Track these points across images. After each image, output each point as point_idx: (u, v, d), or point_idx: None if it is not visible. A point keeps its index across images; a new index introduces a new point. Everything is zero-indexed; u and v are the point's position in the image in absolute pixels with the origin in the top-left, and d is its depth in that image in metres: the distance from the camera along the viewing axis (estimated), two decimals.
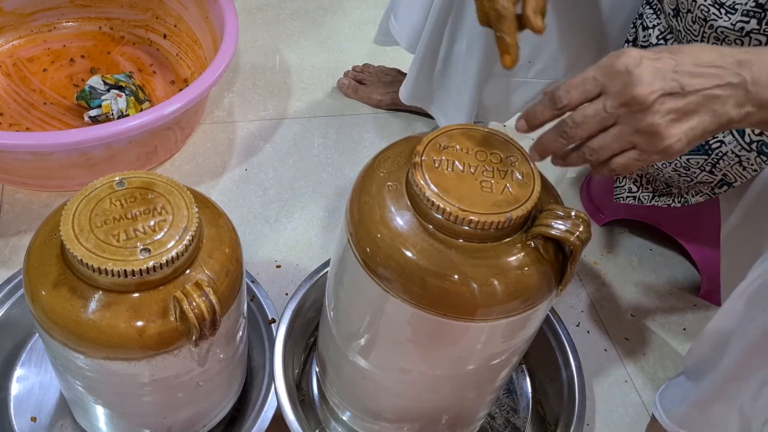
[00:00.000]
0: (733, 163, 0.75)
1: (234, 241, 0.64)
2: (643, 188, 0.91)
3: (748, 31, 0.68)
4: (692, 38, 0.74)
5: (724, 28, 0.69)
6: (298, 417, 0.75)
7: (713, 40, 0.72)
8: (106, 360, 0.58)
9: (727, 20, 0.69)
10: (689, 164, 0.78)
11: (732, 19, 0.68)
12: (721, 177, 0.78)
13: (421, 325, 0.60)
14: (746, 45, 0.69)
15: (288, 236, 1.05)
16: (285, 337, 0.80)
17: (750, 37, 0.68)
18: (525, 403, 0.89)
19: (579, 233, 0.56)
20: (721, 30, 0.70)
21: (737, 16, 0.68)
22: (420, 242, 0.57)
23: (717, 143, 0.75)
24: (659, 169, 0.82)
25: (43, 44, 1.25)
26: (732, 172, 0.76)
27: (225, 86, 1.24)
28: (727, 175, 0.77)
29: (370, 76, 1.26)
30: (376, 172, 0.62)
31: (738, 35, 0.69)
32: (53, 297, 0.56)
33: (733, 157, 0.75)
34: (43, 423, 0.79)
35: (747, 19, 0.67)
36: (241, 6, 1.37)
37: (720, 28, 0.70)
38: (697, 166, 0.78)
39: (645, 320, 1.03)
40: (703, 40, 0.73)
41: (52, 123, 1.13)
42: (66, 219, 0.56)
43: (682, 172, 0.80)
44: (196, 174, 1.10)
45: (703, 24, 0.71)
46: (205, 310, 0.55)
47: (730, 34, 0.69)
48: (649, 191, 0.90)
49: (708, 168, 0.77)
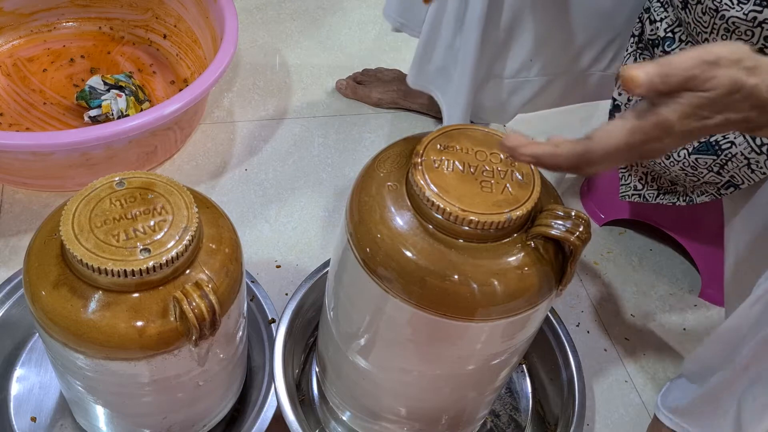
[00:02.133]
0: (742, 166, 0.75)
1: (234, 241, 0.64)
2: (648, 186, 0.91)
3: (760, 21, 0.67)
4: (702, 30, 0.73)
5: (736, 18, 0.68)
6: (298, 417, 0.75)
7: (723, 32, 0.71)
8: (106, 360, 0.58)
9: (739, 10, 0.68)
10: (697, 164, 0.78)
11: (744, 9, 0.68)
12: (729, 178, 0.77)
13: (421, 325, 0.60)
14: (757, 35, 0.68)
15: (288, 236, 1.05)
16: (285, 337, 0.80)
17: (762, 27, 0.67)
18: (525, 403, 0.89)
19: (579, 233, 0.56)
20: (733, 21, 0.69)
21: (750, 6, 0.67)
22: (420, 242, 0.57)
23: (728, 144, 0.74)
24: (666, 167, 0.82)
25: (43, 44, 1.25)
26: (740, 174, 0.76)
27: (225, 86, 1.24)
28: (734, 177, 0.77)
29: (368, 77, 1.26)
30: (376, 172, 0.62)
31: (750, 26, 0.68)
32: (53, 297, 0.56)
33: (742, 159, 0.74)
34: (43, 423, 0.79)
35: (760, 8, 0.67)
36: (241, 6, 1.37)
37: (732, 18, 0.69)
38: (705, 166, 0.77)
39: (645, 320, 1.03)
40: (713, 32, 0.72)
41: (52, 123, 1.13)
42: (66, 219, 0.56)
43: (690, 172, 0.80)
44: (196, 174, 1.10)
45: (713, 15, 0.71)
46: (205, 310, 0.56)
47: (742, 25, 0.68)
48: (654, 189, 0.90)
49: (716, 169, 0.77)
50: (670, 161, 0.80)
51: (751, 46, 0.49)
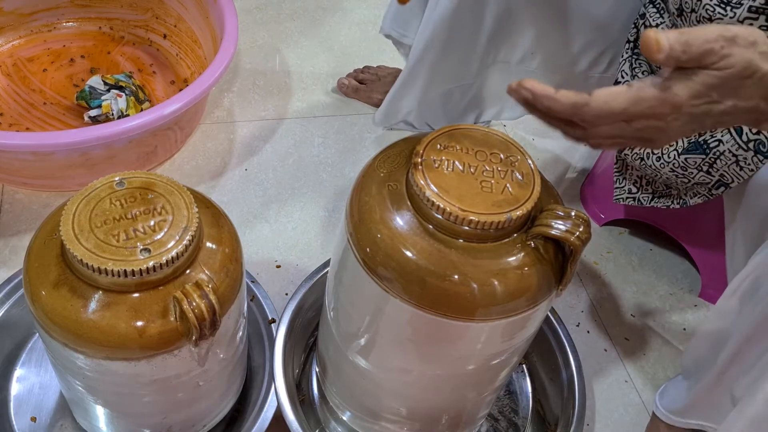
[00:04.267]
0: (731, 163, 0.75)
1: (234, 241, 0.64)
2: (643, 189, 0.91)
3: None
4: None
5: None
6: (298, 417, 0.75)
7: None
8: (106, 360, 0.58)
9: (733, 16, 0.69)
10: (687, 164, 0.78)
11: (738, 14, 0.68)
12: (719, 178, 0.78)
13: (421, 325, 0.60)
14: None
15: (288, 236, 1.05)
16: (285, 337, 0.80)
17: None
18: (525, 403, 0.89)
19: (579, 233, 0.56)
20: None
21: (743, 12, 0.68)
22: (420, 242, 0.57)
23: (715, 142, 0.75)
24: (657, 169, 0.83)
25: (43, 44, 1.25)
26: (729, 172, 0.76)
27: (225, 86, 1.24)
28: (724, 176, 0.77)
29: (370, 77, 1.27)
30: (376, 172, 0.62)
31: None
32: (53, 297, 0.56)
33: (730, 156, 0.75)
34: (43, 423, 0.79)
35: (756, 15, 0.67)
36: (241, 6, 1.37)
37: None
38: (695, 165, 0.78)
39: (645, 320, 1.03)
40: None
41: (52, 123, 1.13)
42: (66, 219, 0.56)
43: (680, 173, 0.80)
44: (196, 174, 1.10)
45: (708, 23, 0.72)
46: (205, 310, 0.56)
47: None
48: (649, 192, 0.91)
49: (705, 168, 0.77)
50: (661, 163, 0.81)
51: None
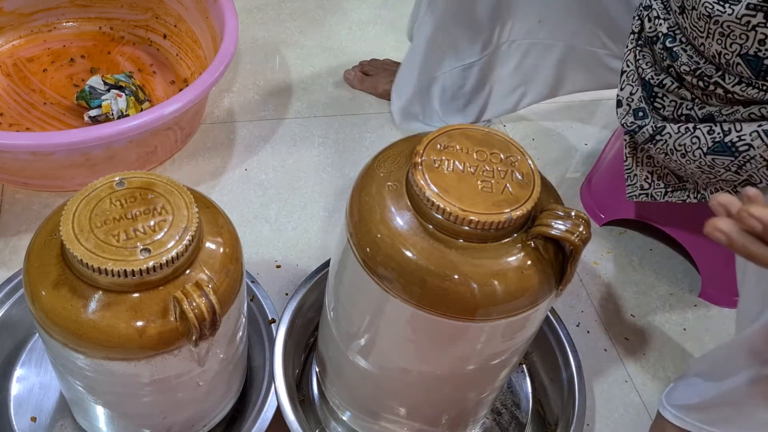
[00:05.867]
0: (761, 167, 0.75)
1: (234, 241, 0.64)
2: (655, 184, 0.90)
3: (754, 25, 0.69)
4: (698, 35, 0.75)
5: (730, 22, 0.70)
6: (298, 417, 0.75)
7: (719, 36, 0.72)
8: (106, 360, 0.58)
9: (731, 13, 0.69)
10: (714, 163, 0.78)
11: (736, 11, 0.69)
12: (746, 177, 0.77)
13: (421, 325, 0.60)
14: (752, 38, 0.70)
15: (288, 236, 1.05)
16: (285, 337, 0.80)
17: (756, 31, 0.69)
18: (525, 403, 0.89)
19: (579, 233, 0.56)
20: (727, 24, 0.71)
21: (741, 9, 0.68)
22: (420, 242, 0.57)
23: (745, 146, 0.74)
24: (682, 165, 0.82)
25: (43, 44, 1.25)
26: (758, 174, 0.76)
27: (225, 86, 1.24)
28: (752, 176, 0.77)
29: (375, 68, 1.27)
30: (376, 172, 0.62)
31: (744, 29, 0.70)
32: (53, 297, 0.56)
33: (761, 161, 0.74)
34: (43, 423, 0.79)
35: (754, 12, 0.68)
36: (241, 6, 1.37)
37: (725, 23, 0.70)
38: (723, 165, 0.77)
39: (645, 320, 1.03)
40: (709, 37, 0.73)
41: (52, 123, 1.13)
42: (66, 219, 0.56)
43: (706, 170, 0.80)
44: (196, 174, 1.10)
45: (707, 20, 0.72)
46: (205, 310, 0.55)
47: (736, 28, 0.70)
48: (662, 187, 0.90)
49: (734, 168, 0.77)
50: (686, 159, 0.80)
51: None
